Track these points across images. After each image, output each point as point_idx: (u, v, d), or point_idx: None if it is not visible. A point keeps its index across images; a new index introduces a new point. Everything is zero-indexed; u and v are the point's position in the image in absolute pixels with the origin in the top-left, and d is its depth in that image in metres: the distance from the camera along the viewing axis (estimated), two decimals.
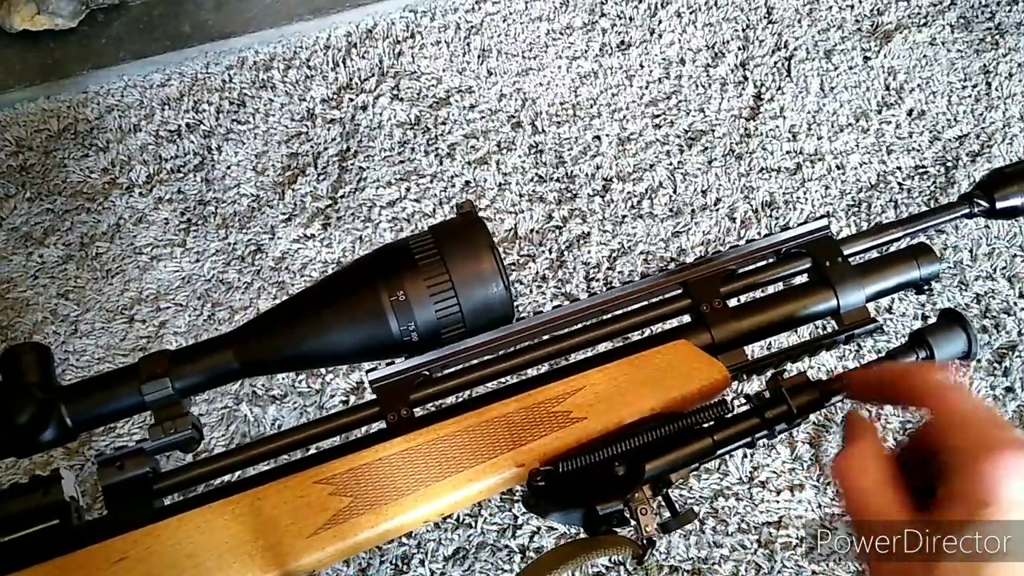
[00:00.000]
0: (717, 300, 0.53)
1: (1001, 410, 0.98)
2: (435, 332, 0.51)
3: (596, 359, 0.53)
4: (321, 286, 0.54)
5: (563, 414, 0.50)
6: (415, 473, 0.49)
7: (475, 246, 0.51)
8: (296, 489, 0.49)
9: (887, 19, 1.30)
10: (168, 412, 0.52)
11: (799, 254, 0.55)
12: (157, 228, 1.14)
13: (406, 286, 0.50)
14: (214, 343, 0.53)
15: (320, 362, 0.54)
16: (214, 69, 1.28)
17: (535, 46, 1.29)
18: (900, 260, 0.56)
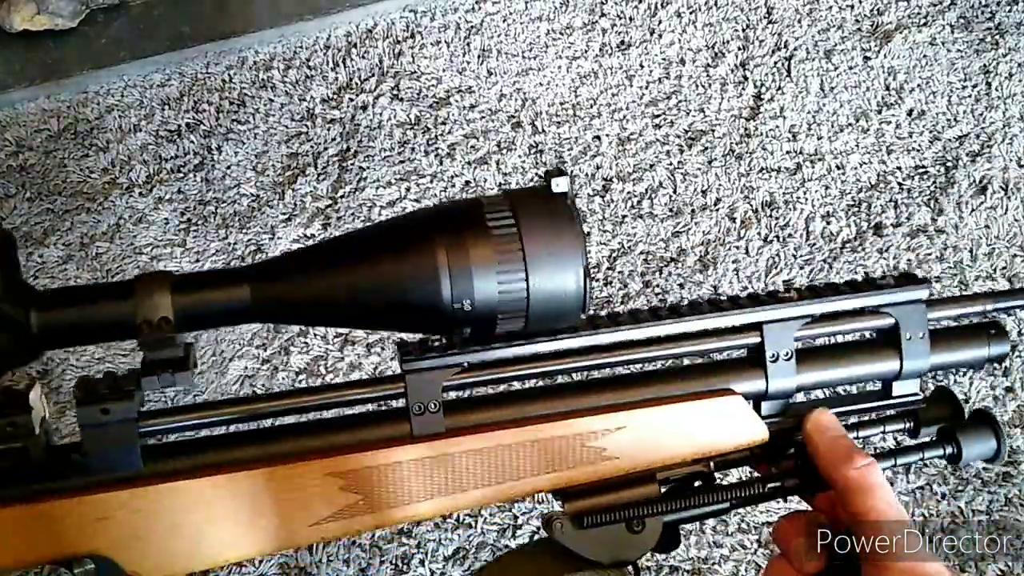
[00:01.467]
0: (787, 350, 0.49)
1: (1001, 410, 0.98)
2: (491, 313, 0.43)
3: (640, 381, 0.50)
4: (368, 231, 0.47)
5: (597, 450, 0.48)
6: (432, 483, 0.46)
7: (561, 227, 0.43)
8: (306, 477, 0.46)
9: (887, 19, 1.30)
10: (163, 351, 0.43)
11: (885, 314, 0.51)
12: (157, 228, 1.14)
13: (470, 249, 0.42)
14: (229, 274, 0.45)
15: (346, 319, 0.47)
16: (214, 69, 1.28)
17: (535, 46, 1.29)
18: (975, 337, 0.52)
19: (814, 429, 0.47)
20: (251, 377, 1.02)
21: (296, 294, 0.44)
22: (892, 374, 0.51)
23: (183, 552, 0.45)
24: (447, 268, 0.42)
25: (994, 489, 0.93)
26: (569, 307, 0.44)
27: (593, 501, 0.48)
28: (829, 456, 0.46)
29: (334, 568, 0.93)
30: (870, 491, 0.43)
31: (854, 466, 0.44)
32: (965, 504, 0.93)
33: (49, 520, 0.44)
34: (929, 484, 0.94)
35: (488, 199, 0.44)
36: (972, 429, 0.50)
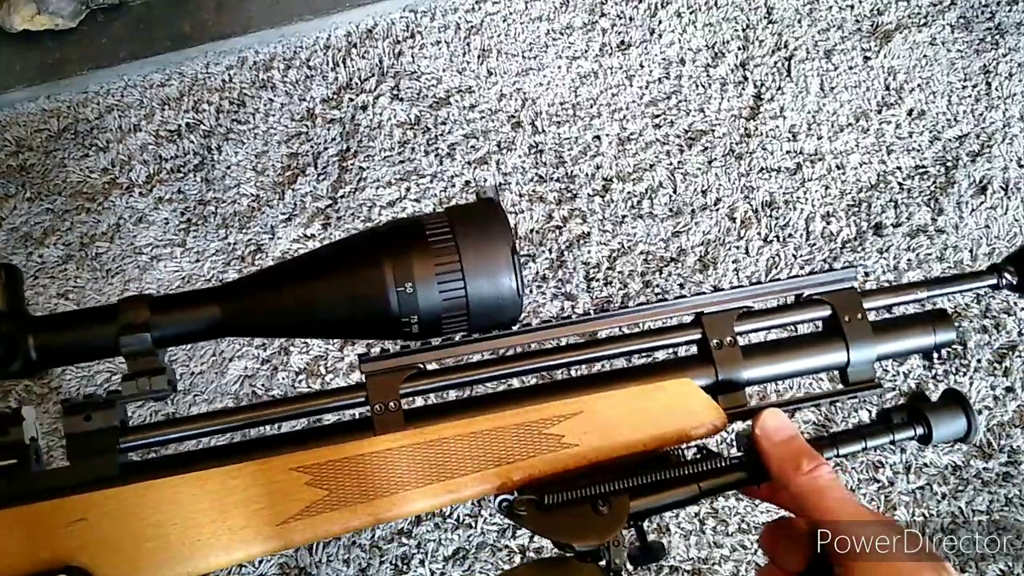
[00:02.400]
0: (729, 337, 0.51)
1: (1001, 410, 0.98)
2: (436, 318, 0.49)
3: (596, 379, 0.52)
4: (324, 251, 0.52)
5: (555, 437, 0.49)
6: (395, 475, 0.47)
7: (492, 235, 0.49)
8: (272, 472, 0.47)
9: (887, 19, 1.30)
10: (144, 364, 0.49)
11: (820, 302, 0.53)
12: (157, 228, 1.14)
13: (413, 264, 0.48)
14: (201, 295, 0.50)
15: (309, 330, 0.52)
16: (214, 69, 1.28)
17: (535, 46, 1.29)
18: (917, 324, 0.53)
19: (762, 433, 0.47)
20: (251, 377, 1.02)
21: (261, 311, 0.50)
22: (842, 363, 0.52)
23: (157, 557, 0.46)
24: (393, 281, 0.48)
25: (994, 489, 0.93)
26: (508, 308, 0.49)
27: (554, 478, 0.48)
28: (777, 462, 0.46)
29: (334, 568, 0.93)
30: (820, 494, 0.44)
31: (802, 472, 0.44)
32: (965, 504, 0.93)
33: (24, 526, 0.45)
34: (929, 484, 0.94)
35: (428, 217, 0.50)
36: (941, 409, 0.50)
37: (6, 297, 0.49)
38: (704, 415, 0.50)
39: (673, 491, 0.48)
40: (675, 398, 0.50)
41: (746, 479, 0.48)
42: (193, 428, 0.50)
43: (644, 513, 0.48)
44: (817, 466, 0.45)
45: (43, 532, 0.45)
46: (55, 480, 0.47)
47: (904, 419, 0.50)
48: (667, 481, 0.48)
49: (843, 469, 0.94)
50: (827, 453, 0.48)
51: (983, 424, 0.97)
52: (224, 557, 0.46)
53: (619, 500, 0.47)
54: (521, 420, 0.49)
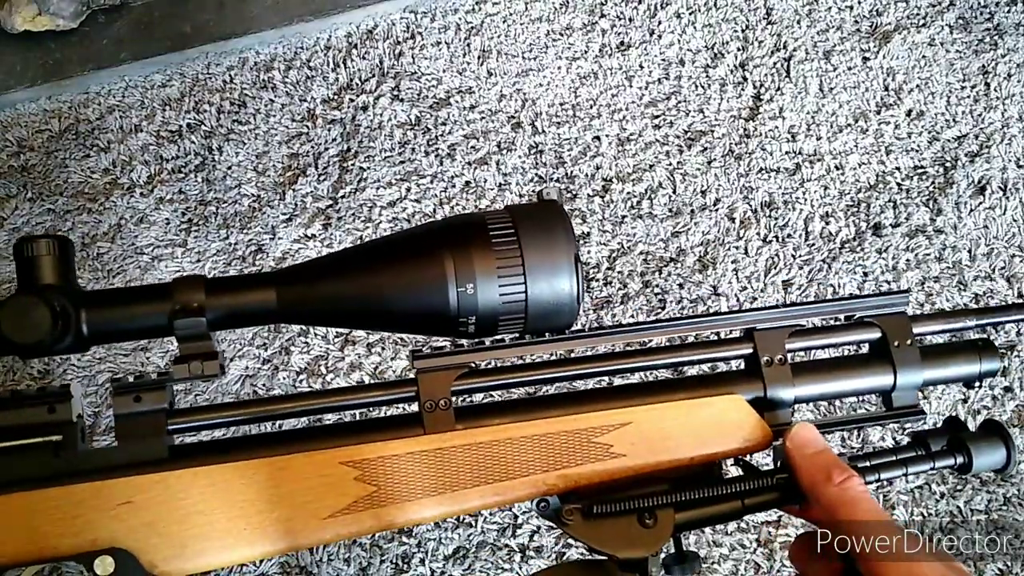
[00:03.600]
0: (780, 355, 0.51)
1: (1000, 410, 0.98)
2: (494, 318, 0.48)
3: (645, 389, 0.52)
4: (384, 241, 0.51)
5: (603, 446, 0.49)
6: (444, 476, 0.47)
7: (555, 236, 0.48)
8: (321, 466, 0.47)
9: (886, 20, 1.30)
10: (197, 347, 0.48)
11: (871, 324, 0.53)
12: (158, 228, 1.15)
13: (475, 262, 0.47)
14: (257, 279, 0.50)
15: (364, 322, 0.51)
16: (215, 70, 1.28)
17: (535, 47, 1.29)
18: (965, 353, 0.54)
19: (793, 446, 0.48)
20: (252, 376, 1.03)
21: (317, 298, 0.49)
22: (888, 386, 0.52)
23: (201, 545, 0.46)
24: (454, 277, 0.47)
25: (993, 489, 0.94)
26: (565, 307, 0.48)
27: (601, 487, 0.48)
28: (808, 474, 0.46)
29: (335, 567, 0.93)
30: (851, 505, 0.44)
31: (833, 483, 0.45)
32: (964, 504, 0.93)
33: (73, 506, 0.45)
34: (928, 484, 0.94)
35: (491, 214, 0.49)
36: (982, 439, 0.50)
37: (59, 270, 0.48)
38: (751, 432, 0.50)
39: (717, 507, 0.48)
40: (724, 414, 0.50)
41: (787, 496, 0.48)
42: (241, 414, 0.49)
43: (687, 525, 0.48)
44: (848, 478, 0.45)
45: (89, 512, 0.45)
46: (102, 460, 0.46)
47: (944, 447, 0.51)
48: (713, 497, 0.48)
49: None
50: (868, 477, 0.49)
51: None
52: (268, 547, 0.46)
53: (665, 514, 0.47)
54: (571, 427, 0.49)
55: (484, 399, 0.52)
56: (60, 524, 0.45)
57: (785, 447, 0.48)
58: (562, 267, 0.48)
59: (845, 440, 0.96)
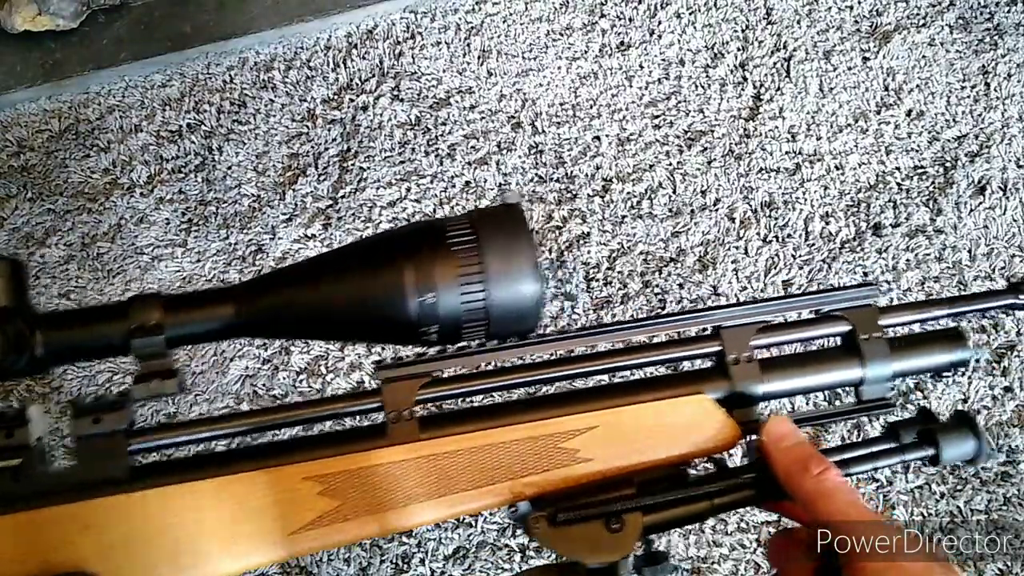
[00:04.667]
0: (747, 352, 0.51)
1: (1000, 410, 0.98)
2: (456, 325, 0.47)
3: (612, 391, 0.51)
4: (343, 251, 0.50)
5: (570, 451, 0.48)
6: (409, 487, 0.47)
7: (517, 241, 0.47)
8: (284, 482, 0.46)
9: (886, 20, 1.30)
10: (156, 366, 0.47)
11: (839, 318, 0.53)
12: (158, 228, 1.15)
13: (435, 269, 0.46)
14: (215, 294, 0.49)
15: (326, 333, 0.50)
16: (215, 70, 1.28)
17: (535, 47, 1.29)
18: (934, 343, 0.54)
19: (769, 439, 0.47)
20: (252, 376, 1.03)
21: (276, 312, 0.48)
22: (857, 379, 0.52)
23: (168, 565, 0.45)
24: (414, 285, 0.46)
25: (993, 488, 0.94)
26: (528, 312, 0.48)
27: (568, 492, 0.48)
28: (784, 467, 0.46)
29: (335, 567, 0.93)
30: (829, 497, 0.43)
31: (810, 475, 0.44)
32: (964, 503, 0.93)
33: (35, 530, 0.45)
34: (928, 483, 0.94)
35: (451, 219, 0.48)
36: (951, 430, 0.50)
37: (10, 292, 0.47)
38: (719, 431, 0.50)
39: (686, 508, 0.48)
40: (691, 414, 0.50)
41: (758, 495, 0.48)
42: (203, 431, 0.49)
43: (656, 528, 0.47)
44: (825, 469, 0.44)
45: (51, 536, 0.45)
46: (63, 483, 0.46)
47: (914, 439, 0.50)
48: (680, 498, 0.47)
49: None
50: None
51: (982, 424, 0.97)
52: (234, 565, 0.46)
53: (632, 518, 0.46)
54: (536, 433, 0.48)
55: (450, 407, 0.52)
56: (20, 550, 0.44)
57: (761, 440, 0.48)
58: (523, 271, 0.47)
59: (845, 440, 0.96)
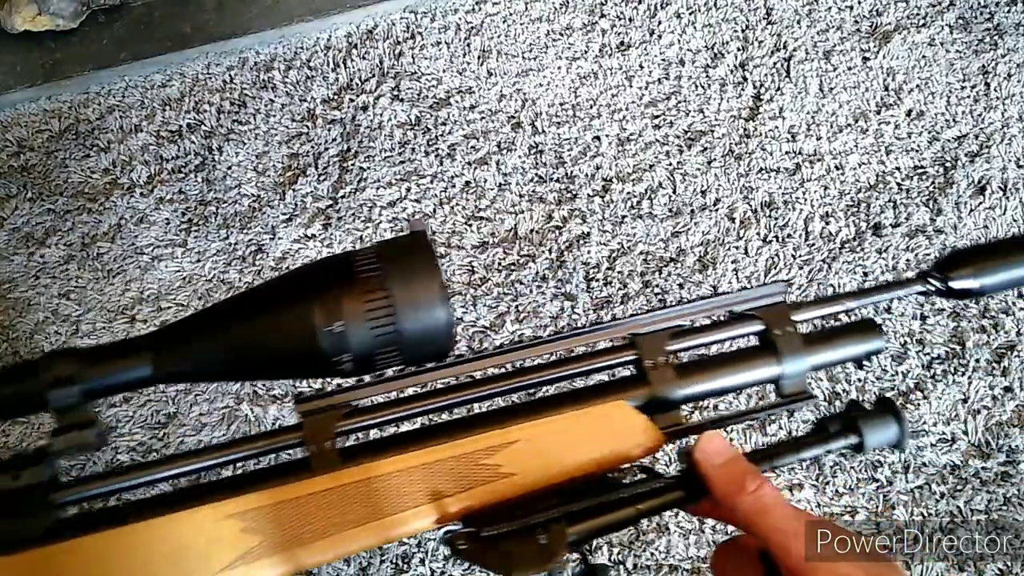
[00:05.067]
0: (662, 357, 0.52)
1: (1000, 410, 0.98)
2: (369, 355, 0.48)
3: (534, 406, 0.51)
4: (254, 292, 0.51)
5: (493, 467, 0.48)
6: (332, 516, 0.47)
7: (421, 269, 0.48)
8: (206, 521, 0.46)
9: (886, 20, 1.30)
10: (73, 418, 0.47)
11: (752, 317, 0.54)
12: (158, 228, 1.15)
13: (343, 302, 0.47)
14: (131, 345, 0.49)
15: (242, 374, 0.51)
16: (215, 70, 1.28)
17: (535, 47, 1.29)
18: (847, 334, 0.55)
19: (702, 458, 0.47)
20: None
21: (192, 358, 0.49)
22: (776, 375, 0.53)
23: None
24: (323, 320, 0.47)
25: (993, 489, 0.94)
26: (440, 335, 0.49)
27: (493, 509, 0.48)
28: (720, 488, 0.46)
29: (334, 567, 0.93)
30: (766, 512, 0.44)
31: (746, 492, 0.45)
32: (964, 503, 0.93)
33: None
34: (928, 483, 0.94)
35: (358, 252, 0.49)
36: (873, 417, 0.50)
37: None
38: (640, 436, 0.50)
39: (611, 515, 0.47)
40: (610, 421, 0.50)
41: (685, 497, 0.48)
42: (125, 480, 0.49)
43: (584, 537, 0.47)
44: (760, 485, 0.45)
45: None
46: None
47: (839, 428, 0.51)
48: (605, 505, 0.47)
49: (841, 469, 0.94)
50: (762, 465, 0.49)
51: (982, 424, 0.97)
52: None
53: (557, 528, 0.46)
54: (457, 452, 0.49)
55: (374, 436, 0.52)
56: None
57: (695, 459, 0.48)
58: (430, 297, 0.48)
59: None
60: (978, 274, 0.56)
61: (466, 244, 1.11)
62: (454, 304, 1.07)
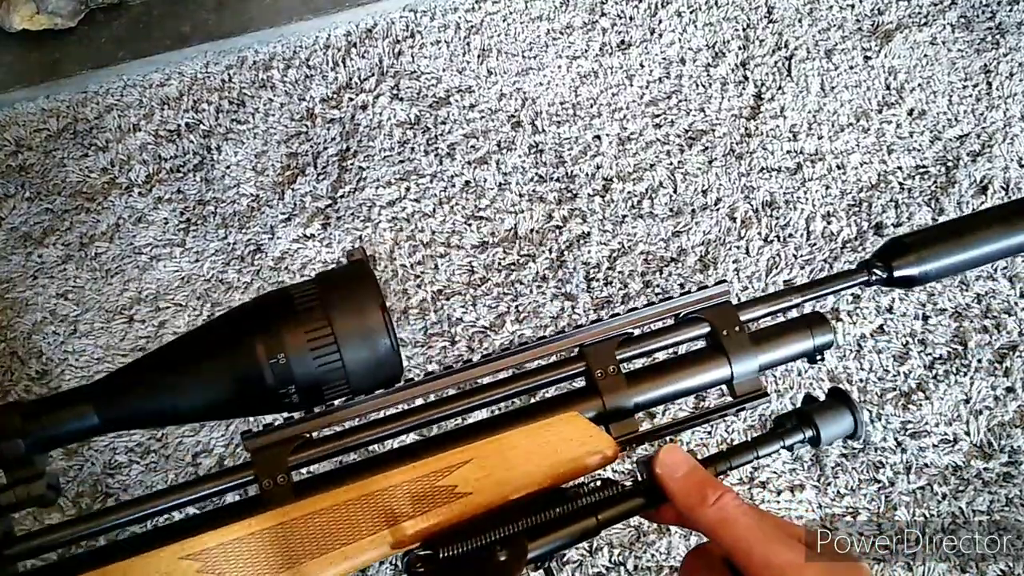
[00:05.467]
0: (612, 366, 0.52)
1: (1002, 410, 0.97)
2: (316, 387, 0.48)
3: (487, 424, 0.51)
4: (194, 335, 0.51)
5: (448, 488, 0.48)
6: (288, 549, 0.46)
7: (361, 297, 0.48)
8: (161, 564, 0.46)
9: (888, 18, 1.30)
10: (21, 472, 0.47)
11: (698, 319, 0.54)
12: (156, 228, 1.14)
13: (284, 337, 0.47)
14: (72, 395, 0.49)
15: (191, 418, 0.50)
16: (213, 69, 1.28)
17: (535, 46, 1.28)
18: (795, 330, 0.54)
19: (663, 472, 0.47)
20: None
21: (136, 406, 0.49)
22: (727, 377, 0.53)
23: None
24: (265, 356, 0.47)
25: (995, 489, 0.93)
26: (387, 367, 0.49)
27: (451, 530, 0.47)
28: (682, 500, 0.46)
29: None
30: (727, 524, 0.44)
31: (708, 504, 0.45)
32: (966, 504, 0.93)
33: None
34: (930, 484, 0.94)
35: (296, 286, 0.49)
36: (827, 410, 0.50)
37: None
38: (595, 445, 0.50)
39: (571, 526, 0.47)
40: (564, 433, 0.50)
41: (644, 504, 0.48)
42: (79, 530, 0.49)
43: (547, 553, 0.47)
44: (721, 496, 0.45)
45: None
46: None
47: (794, 423, 0.51)
48: (563, 517, 0.47)
49: (843, 470, 0.94)
50: (721, 467, 0.49)
51: (984, 425, 0.96)
52: None
53: (516, 543, 0.46)
54: (412, 476, 0.48)
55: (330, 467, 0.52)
56: None
57: (656, 473, 0.48)
58: (373, 326, 0.48)
59: (846, 440, 0.96)
60: (920, 261, 0.55)
61: (466, 244, 1.11)
62: (454, 304, 1.06)
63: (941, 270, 0.56)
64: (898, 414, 0.97)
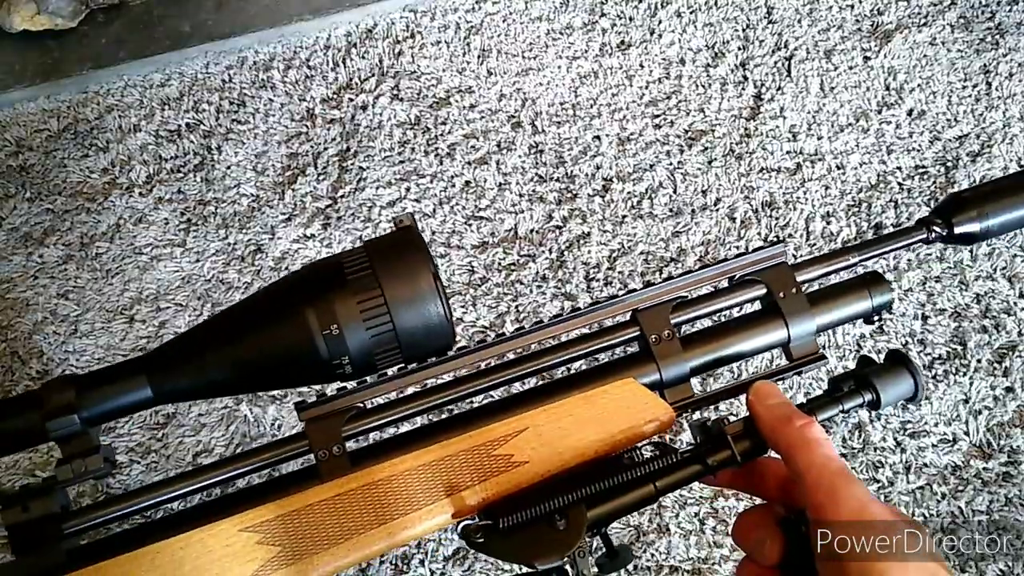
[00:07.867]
0: (667, 331, 0.51)
1: (1002, 410, 0.98)
2: (368, 356, 0.48)
3: (541, 391, 0.51)
4: (246, 304, 0.50)
5: (504, 457, 0.48)
6: (347, 520, 0.46)
7: (412, 264, 0.48)
8: (221, 537, 0.46)
9: (887, 19, 1.30)
10: (76, 446, 0.47)
11: (754, 281, 0.53)
12: (157, 228, 1.14)
13: (336, 306, 0.47)
14: (127, 367, 0.49)
15: (243, 387, 0.50)
16: (214, 69, 1.28)
17: (535, 46, 1.29)
18: (853, 290, 0.54)
19: (755, 398, 0.48)
20: None
21: (189, 377, 0.49)
22: (784, 339, 0.52)
23: None
24: (317, 326, 0.47)
25: (994, 489, 0.93)
26: (438, 334, 0.48)
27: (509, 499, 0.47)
28: (769, 421, 0.46)
29: None
30: (808, 446, 0.44)
31: (794, 426, 0.45)
32: (965, 504, 0.93)
33: None
34: (929, 484, 0.94)
35: (347, 254, 0.49)
36: (887, 372, 0.49)
37: None
38: (651, 413, 0.49)
39: (629, 494, 0.47)
40: (619, 400, 0.49)
41: (701, 470, 0.48)
42: (136, 503, 0.49)
43: (604, 520, 0.47)
44: (808, 422, 0.45)
45: None
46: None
47: (852, 387, 0.50)
48: (622, 485, 0.47)
49: None
50: None
51: (983, 425, 0.97)
52: None
53: (575, 512, 0.46)
54: (468, 445, 0.48)
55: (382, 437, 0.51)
56: None
57: (748, 400, 0.48)
58: (425, 294, 0.47)
59: (847, 441, 0.96)
60: (981, 217, 0.54)
61: (466, 244, 1.11)
62: (454, 304, 1.06)
63: (1003, 225, 0.54)
64: (897, 414, 0.97)
